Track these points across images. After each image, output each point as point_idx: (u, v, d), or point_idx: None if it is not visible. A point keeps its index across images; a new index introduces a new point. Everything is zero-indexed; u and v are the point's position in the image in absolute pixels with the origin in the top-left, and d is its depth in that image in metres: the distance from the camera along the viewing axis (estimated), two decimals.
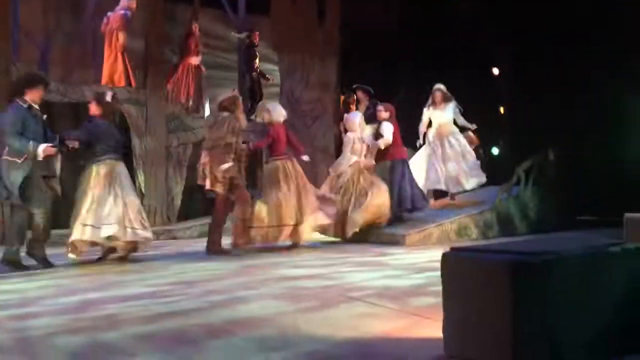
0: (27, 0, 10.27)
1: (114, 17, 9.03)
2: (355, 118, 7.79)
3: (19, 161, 5.37)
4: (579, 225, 8.61)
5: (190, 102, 10.35)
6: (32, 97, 5.54)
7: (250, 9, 11.86)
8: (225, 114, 6.55)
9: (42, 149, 5.43)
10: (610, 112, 9.15)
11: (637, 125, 8.84)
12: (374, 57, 12.28)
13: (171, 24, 11.08)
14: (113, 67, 9.28)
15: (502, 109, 12.01)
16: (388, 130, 7.58)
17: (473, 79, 10.84)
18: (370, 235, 7.45)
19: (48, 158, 5.50)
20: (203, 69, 10.74)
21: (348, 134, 7.77)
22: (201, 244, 6.89)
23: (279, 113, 7.07)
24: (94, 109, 6.04)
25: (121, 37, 8.80)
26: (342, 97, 10.93)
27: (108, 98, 6.08)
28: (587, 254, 2.57)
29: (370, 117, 8.26)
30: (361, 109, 8.88)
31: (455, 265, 2.62)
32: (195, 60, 10.56)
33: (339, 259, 5.98)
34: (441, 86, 8.42)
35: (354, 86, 9.30)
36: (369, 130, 7.89)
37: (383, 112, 7.74)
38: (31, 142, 5.40)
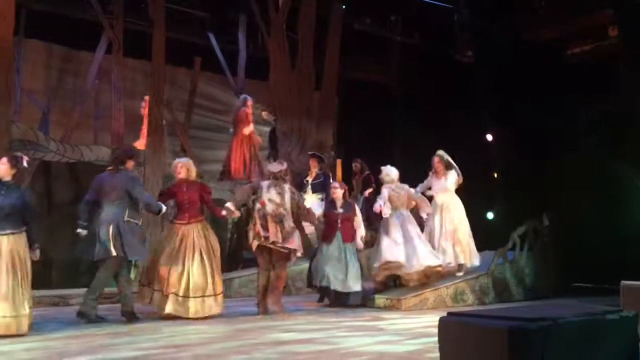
0: (30, 62, 10.53)
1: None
2: (393, 170, 7.65)
3: (140, 223, 6.08)
4: (576, 291, 8.56)
5: (247, 171, 10.43)
6: (129, 166, 6.22)
7: (249, 73, 12.15)
8: (285, 184, 6.59)
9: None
10: (605, 178, 9.27)
11: (633, 192, 8.93)
12: (370, 120, 12.52)
13: (172, 87, 11.32)
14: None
15: (496, 174, 12.13)
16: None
17: (468, 144, 11.02)
18: (364, 298, 7.36)
19: None
20: (257, 138, 10.71)
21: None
22: None
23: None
24: (4, 172, 5.40)
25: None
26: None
27: (24, 164, 5.64)
28: (583, 321, 2.56)
29: (318, 187, 8.31)
30: (310, 176, 8.89)
31: (452, 330, 2.60)
32: (247, 130, 10.67)
33: (332, 323, 5.89)
34: (440, 152, 7.92)
35: (309, 153, 9.19)
36: (314, 198, 7.85)
37: (339, 191, 7.40)
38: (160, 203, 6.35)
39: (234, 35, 12.05)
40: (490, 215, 11.94)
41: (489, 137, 12.32)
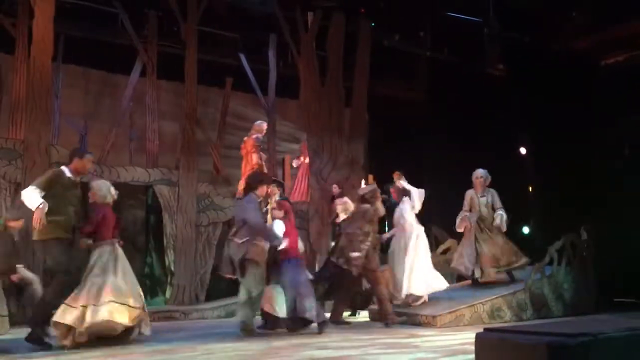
0: (68, 86, 10.85)
1: (248, 141, 9.53)
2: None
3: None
4: (618, 307, 8.33)
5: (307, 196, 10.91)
6: (261, 192, 6.58)
7: (279, 92, 12.29)
8: (366, 205, 6.99)
9: None
10: None
11: None
12: (400, 136, 12.51)
13: (204, 107, 11.51)
14: None
15: (531, 188, 11.95)
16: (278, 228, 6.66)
17: (501, 158, 10.90)
18: (398, 315, 7.30)
19: None
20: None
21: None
22: (229, 324, 6.83)
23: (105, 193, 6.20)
24: None
25: (255, 158, 9.33)
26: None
27: None
28: (625, 336, 2.50)
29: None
30: (270, 205, 8.49)
31: (490, 346, 2.56)
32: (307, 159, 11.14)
33: (367, 340, 5.85)
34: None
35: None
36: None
37: (277, 211, 6.81)
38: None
39: (264, 55, 12.22)
40: (526, 230, 11.75)
41: (523, 151, 12.16)
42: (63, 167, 5.82)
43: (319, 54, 11.56)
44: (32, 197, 5.43)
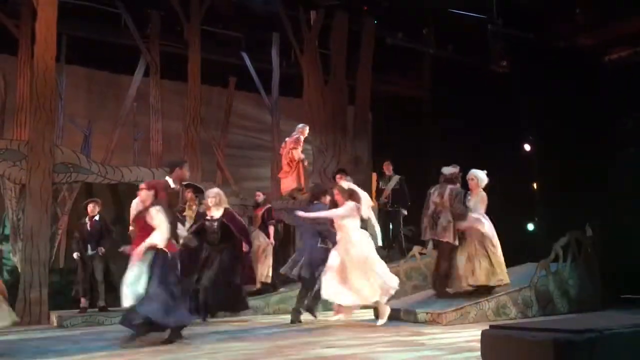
0: (72, 87, 10.87)
1: (290, 140, 10.24)
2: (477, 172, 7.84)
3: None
4: (623, 303, 8.31)
5: None
6: (324, 201, 7.43)
7: (282, 91, 12.29)
8: (451, 185, 7.42)
9: None
10: None
11: None
12: (404, 134, 12.49)
13: (207, 107, 11.52)
14: (293, 177, 10.28)
15: (535, 185, 11.92)
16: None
17: (505, 155, 10.88)
18: (404, 313, 7.30)
19: None
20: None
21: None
22: (236, 324, 6.84)
23: None
24: None
25: (296, 154, 10.13)
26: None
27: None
28: (632, 332, 2.49)
29: (200, 218, 7.63)
30: (190, 210, 8.25)
31: (496, 343, 2.56)
32: None
33: (373, 338, 5.84)
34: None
35: (184, 183, 7.31)
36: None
37: (144, 192, 5.98)
38: None
39: (267, 54, 12.22)
40: (530, 227, 11.72)
41: (527, 147, 12.13)
42: (167, 178, 6.25)
43: (322, 53, 11.55)
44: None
